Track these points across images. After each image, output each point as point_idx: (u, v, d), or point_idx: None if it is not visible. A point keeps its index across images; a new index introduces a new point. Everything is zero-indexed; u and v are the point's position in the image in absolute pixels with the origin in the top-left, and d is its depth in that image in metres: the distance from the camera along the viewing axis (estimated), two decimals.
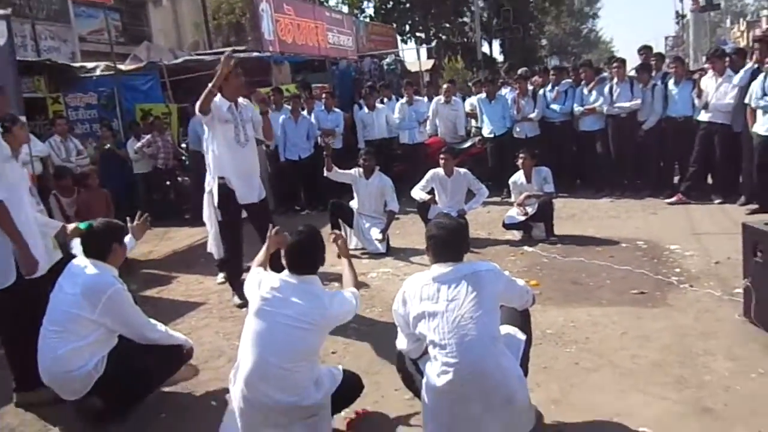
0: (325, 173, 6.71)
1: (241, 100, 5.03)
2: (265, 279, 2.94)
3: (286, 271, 2.91)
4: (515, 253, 6.12)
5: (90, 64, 11.62)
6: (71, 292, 3.15)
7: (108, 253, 3.30)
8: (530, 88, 8.98)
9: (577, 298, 4.73)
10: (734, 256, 4.79)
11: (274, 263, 3.46)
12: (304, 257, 2.90)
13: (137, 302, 3.38)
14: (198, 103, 4.67)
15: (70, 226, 3.94)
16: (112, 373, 3.15)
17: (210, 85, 4.64)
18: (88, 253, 3.31)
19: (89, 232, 3.41)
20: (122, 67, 11.16)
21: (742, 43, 43.61)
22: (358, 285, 3.24)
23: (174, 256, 7.50)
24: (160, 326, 3.42)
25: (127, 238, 3.68)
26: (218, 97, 4.79)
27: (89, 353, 3.13)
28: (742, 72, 7.09)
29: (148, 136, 9.13)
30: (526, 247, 6.26)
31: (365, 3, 29.20)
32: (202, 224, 6.35)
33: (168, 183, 9.71)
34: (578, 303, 4.61)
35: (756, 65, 6.98)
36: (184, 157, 9.65)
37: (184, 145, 9.78)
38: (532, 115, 8.74)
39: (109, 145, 9.18)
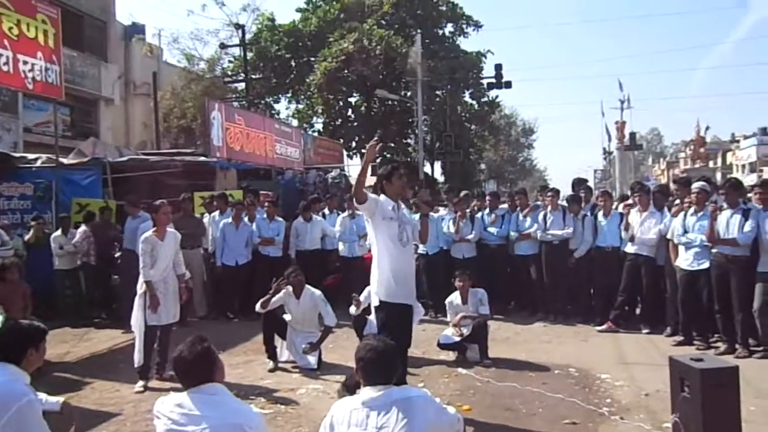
0: (258, 308, 6.40)
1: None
2: (167, 398, 2.75)
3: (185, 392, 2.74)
4: (449, 375, 6.04)
5: (31, 155, 11.43)
6: None
7: (21, 359, 3.05)
8: (468, 210, 9.29)
9: (509, 425, 4.64)
10: (663, 389, 4.86)
11: None
12: (190, 370, 2.73)
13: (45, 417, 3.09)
14: (353, 192, 4.68)
15: None
16: None
17: (359, 173, 4.64)
18: (1, 355, 3.04)
19: (7, 332, 3.17)
20: (64, 160, 11.03)
21: (663, 180, 47.17)
22: None
23: (91, 360, 7.06)
24: None
25: (53, 399, 3.37)
26: (383, 197, 4.72)
27: None
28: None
29: (84, 229, 8.86)
30: (460, 369, 6.20)
31: (314, 118, 30.28)
32: (124, 326, 6.07)
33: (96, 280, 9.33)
34: (511, 431, 4.51)
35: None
36: (117, 255, 9.34)
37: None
38: (469, 237, 8.98)
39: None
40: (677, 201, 7.55)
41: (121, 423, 4.86)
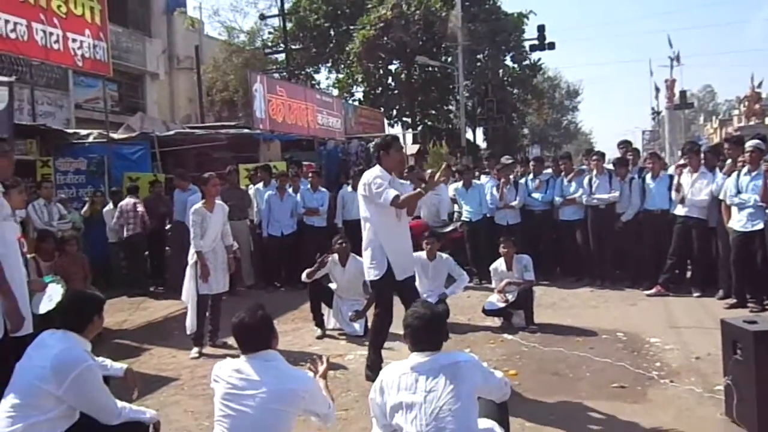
0: (304, 278, 6.48)
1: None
2: (225, 363, 2.85)
3: (243, 355, 2.83)
4: (495, 341, 6.07)
5: (83, 131, 11.81)
6: (40, 364, 3.00)
7: (87, 326, 3.20)
8: (511, 177, 9.19)
9: (556, 390, 4.65)
10: (714, 352, 4.79)
11: None
12: (251, 335, 2.82)
13: (108, 382, 3.25)
14: (401, 200, 4.60)
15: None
16: None
17: (421, 189, 4.65)
18: (65, 323, 3.19)
19: (70, 302, 3.32)
20: (114, 135, 11.34)
21: (716, 140, 45.50)
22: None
23: (148, 327, 7.35)
24: (126, 408, 3.16)
25: (117, 365, 3.55)
26: (379, 169, 4.79)
27: (47, 429, 2.95)
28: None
29: (129, 201, 9.06)
30: (505, 335, 6.22)
31: (355, 87, 30.14)
32: (176, 296, 6.29)
33: (147, 252, 9.63)
34: (558, 395, 4.53)
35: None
36: (167, 228, 9.63)
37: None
38: (513, 203, 8.91)
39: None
40: (729, 160, 7.31)
41: (179, 387, 5.08)
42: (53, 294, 4.91)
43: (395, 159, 4.91)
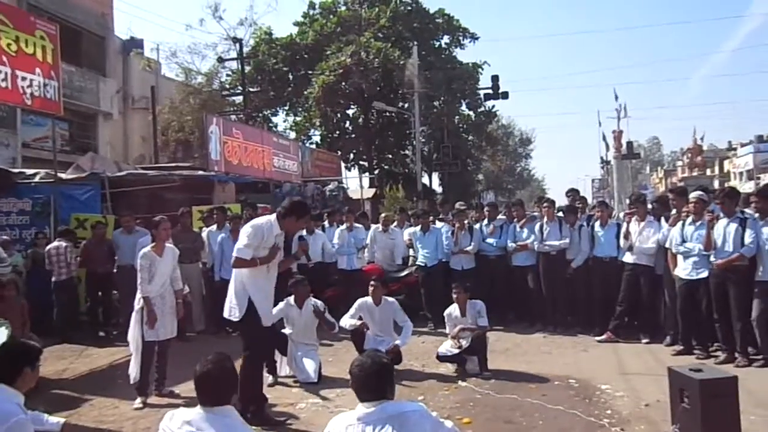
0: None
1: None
2: (176, 414, 2.74)
3: (198, 406, 2.73)
4: (449, 388, 6.02)
5: (30, 171, 11.45)
6: None
7: (17, 378, 3.03)
8: (466, 222, 9.31)
9: None
10: (663, 399, 4.85)
11: None
12: (215, 388, 2.73)
13: None
14: (239, 263, 5.04)
15: None
16: None
17: (259, 259, 5.00)
18: None
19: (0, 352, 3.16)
20: (63, 175, 11.04)
21: (661, 189, 47.29)
22: None
23: (89, 376, 7.02)
24: None
25: (54, 420, 3.39)
26: (272, 222, 5.05)
27: None
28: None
29: (57, 244, 8.66)
30: (459, 382, 6.17)
31: (312, 131, 30.35)
32: (124, 342, 6.05)
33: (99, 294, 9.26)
34: None
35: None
36: (116, 270, 9.33)
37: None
38: (468, 248, 8.99)
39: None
40: (674, 210, 7.58)
41: None
42: None
43: (300, 225, 5.27)
